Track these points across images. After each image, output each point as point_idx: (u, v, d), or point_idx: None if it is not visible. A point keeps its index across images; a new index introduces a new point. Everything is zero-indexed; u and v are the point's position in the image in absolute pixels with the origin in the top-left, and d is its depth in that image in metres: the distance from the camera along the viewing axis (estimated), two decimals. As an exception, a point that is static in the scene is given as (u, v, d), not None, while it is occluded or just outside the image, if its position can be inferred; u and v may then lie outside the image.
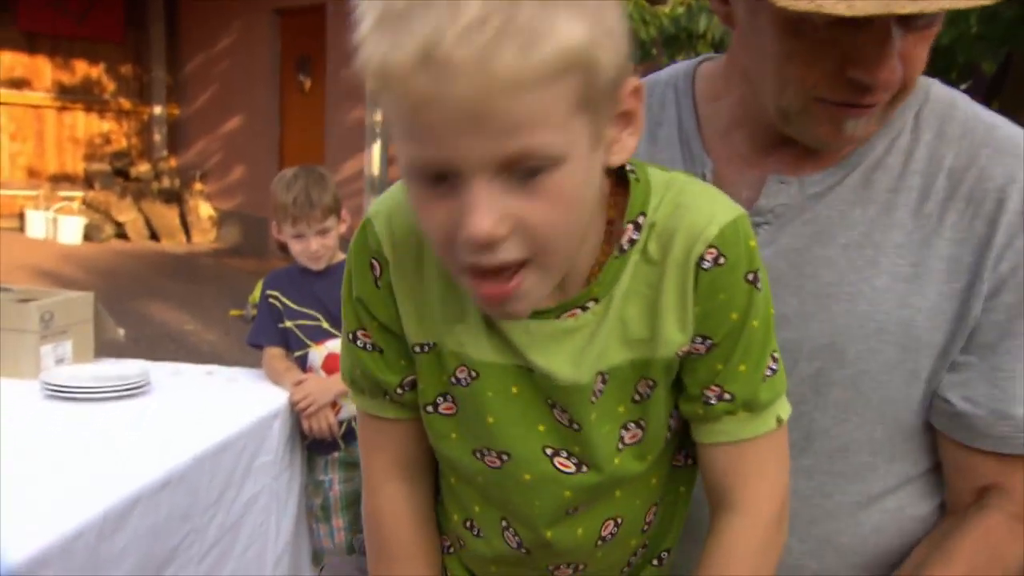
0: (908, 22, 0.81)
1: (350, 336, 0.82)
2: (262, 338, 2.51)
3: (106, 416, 2.10)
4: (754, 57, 0.88)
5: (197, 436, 2.02)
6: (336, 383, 2.33)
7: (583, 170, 0.65)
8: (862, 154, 0.91)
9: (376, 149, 8.05)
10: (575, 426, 0.78)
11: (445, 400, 0.80)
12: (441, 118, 0.60)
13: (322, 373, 2.41)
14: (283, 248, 2.50)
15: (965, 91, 0.94)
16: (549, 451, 0.79)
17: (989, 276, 0.87)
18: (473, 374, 0.77)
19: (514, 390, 0.77)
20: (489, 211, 0.62)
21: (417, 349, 0.79)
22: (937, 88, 0.93)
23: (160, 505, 1.76)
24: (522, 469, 0.79)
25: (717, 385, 0.77)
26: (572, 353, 0.75)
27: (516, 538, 0.83)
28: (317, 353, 2.44)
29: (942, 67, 5.58)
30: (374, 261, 0.78)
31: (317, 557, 2.54)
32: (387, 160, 8.01)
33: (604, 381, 0.77)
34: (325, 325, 2.44)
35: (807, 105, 0.86)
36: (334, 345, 2.40)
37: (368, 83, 0.63)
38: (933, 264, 0.88)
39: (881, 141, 0.90)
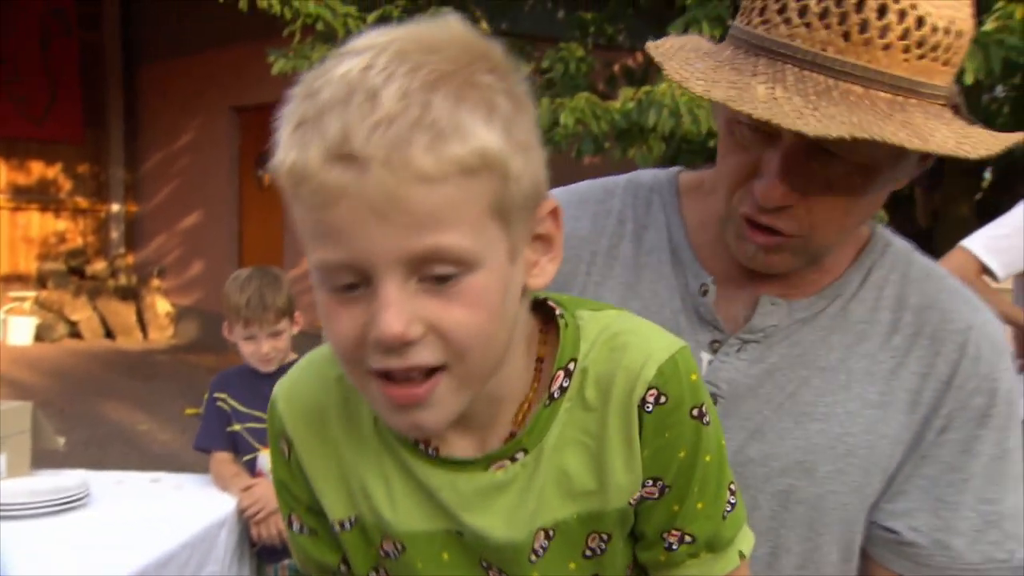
0: (811, 149, 0.83)
1: (288, 522, 0.80)
2: (209, 442, 2.44)
3: (42, 533, 2.00)
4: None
5: (139, 550, 1.93)
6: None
7: (499, 279, 0.64)
8: (840, 286, 0.95)
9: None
10: None
11: (379, 574, 0.77)
12: (351, 214, 0.60)
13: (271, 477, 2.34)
14: None
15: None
16: None
17: (944, 413, 0.92)
18: (399, 546, 0.74)
19: (445, 556, 0.74)
20: (400, 311, 0.61)
21: (338, 528, 0.75)
22: (897, 239, 0.98)
23: (96, 626, 1.66)
24: None
25: (677, 528, 0.75)
26: (505, 509, 0.72)
27: None
28: (266, 456, 2.37)
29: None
30: (283, 443, 0.76)
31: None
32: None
33: (548, 538, 0.74)
34: (275, 427, 2.38)
35: (730, 212, 0.90)
36: (285, 448, 2.34)
37: (282, 185, 0.63)
38: (898, 394, 0.92)
39: (856, 276, 0.95)
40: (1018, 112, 5.53)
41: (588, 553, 0.75)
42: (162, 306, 9.97)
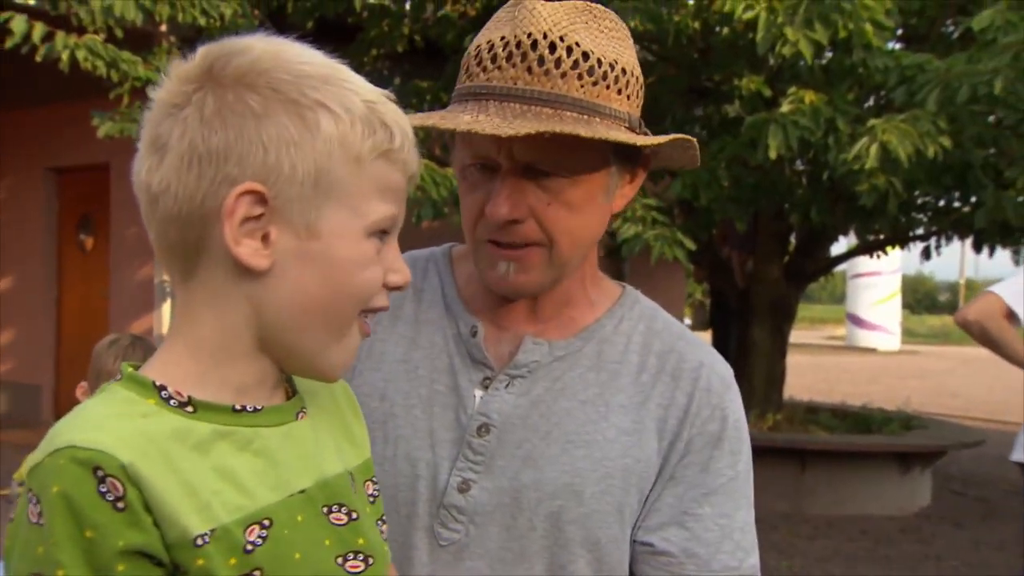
0: (527, 172, 1.00)
1: None
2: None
3: None
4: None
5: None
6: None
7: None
8: (595, 331, 1.11)
9: (166, 308, 7.74)
10: (353, 515, 0.81)
11: None
12: None
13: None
14: (61, 415, 2.33)
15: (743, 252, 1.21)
16: (339, 560, 0.79)
17: (685, 437, 1.07)
18: (266, 523, 0.75)
19: (299, 519, 0.77)
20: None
21: (200, 542, 0.71)
22: (644, 298, 1.17)
23: None
24: None
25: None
26: (321, 448, 0.83)
27: None
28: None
29: (704, 223, 6.22)
30: (111, 482, 0.68)
31: None
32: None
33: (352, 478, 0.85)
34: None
35: (477, 247, 1.05)
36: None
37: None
38: (648, 423, 1.07)
39: (609, 324, 1.12)
40: (813, 183, 6.10)
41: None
42: (-36, 379, 9.18)
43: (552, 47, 0.98)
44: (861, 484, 6.35)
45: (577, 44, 0.98)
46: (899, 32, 5.85)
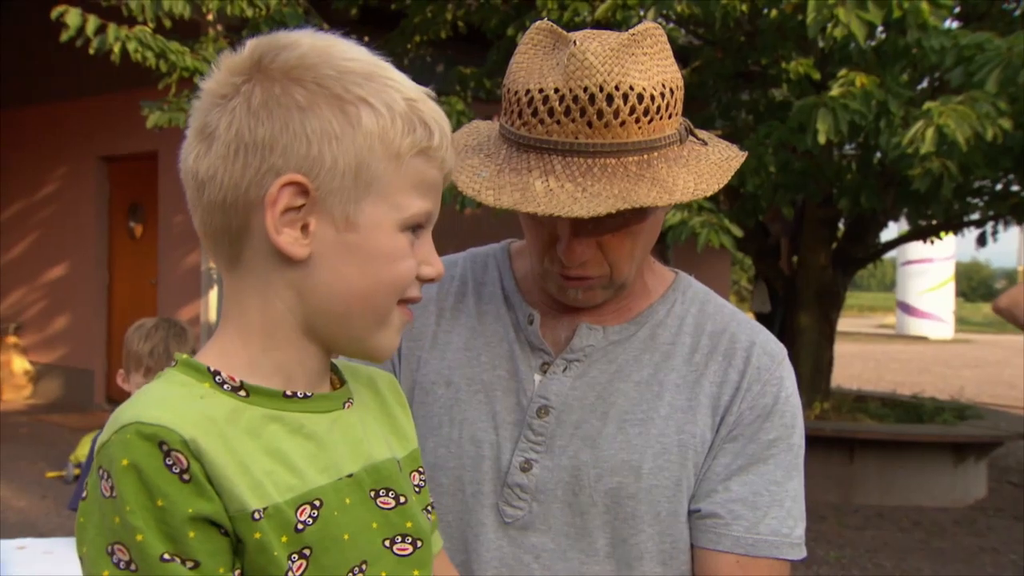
0: (585, 222, 1.02)
1: (158, 559, 0.70)
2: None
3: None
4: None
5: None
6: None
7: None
8: (648, 315, 1.15)
9: (213, 295, 7.86)
10: (401, 499, 0.83)
11: (296, 556, 0.76)
12: None
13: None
14: (112, 399, 2.38)
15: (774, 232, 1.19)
16: (387, 542, 0.82)
17: (736, 411, 1.10)
18: (316, 504, 0.77)
19: (348, 501, 0.79)
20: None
21: (256, 515, 0.74)
22: (696, 282, 1.21)
23: None
24: (379, 571, 0.80)
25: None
26: (368, 435, 0.85)
27: None
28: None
29: (751, 210, 6.13)
30: (175, 456, 0.70)
31: None
32: (223, 306, 7.80)
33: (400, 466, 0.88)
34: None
35: (546, 272, 1.11)
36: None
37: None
38: (702, 400, 1.11)
39: (662, 309, 1.16)
40: (863, 168, 5.97)
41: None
42: (19, 364, 9.42)
43: (609, 99, 0.99)
44: (913, 475, 6.23)
45: (631, 88, 1.00)
46: (956, 10, 5.67)
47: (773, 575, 1.09)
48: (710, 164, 1.06)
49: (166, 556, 0.70)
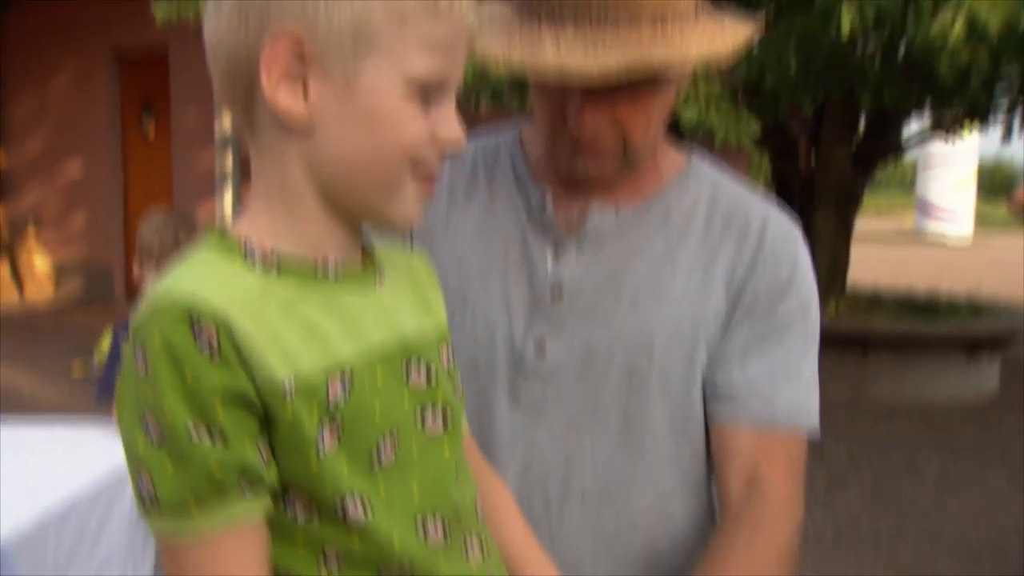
0: (599, 91, 1.00)
1: (186, 433, 0.70)
2: (115, 388, 2.39)
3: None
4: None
5: (40, 500, 1.90)
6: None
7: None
8: (662, 197, 1.15)
9: (228, 194, 7.86)
10: (431, 370, 0.84)
11: (326, 427, 0.75)
12: None
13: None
14: (132, 294, 2.44)
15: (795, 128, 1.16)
16: (418, 412, 0.82)
17: (751, 287, 1.11)
18: (347, 374, 0.77)
19: (378, 371, 0.79)
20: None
21: (287, 386, 0.73)
22: (709, 166, 1.20)
23: (1, 577, 1.64)
24: (410, 444, 0.80)
25: None
26: (399, 310, 0.85)
27: (437, 523, 0.81)
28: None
29: (770, 107, 5.99)
30: (205, 327, 0.70)
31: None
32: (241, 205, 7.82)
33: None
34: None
35: (554, 146, 1.09)
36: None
37: None
38: (716, 280, 1.11)
39: (675, 190, 1.16)
40: (887, 63, 5.80)
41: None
42: (40, 262, 9.52)
43: None
44: (925, 372, 6.27)
45: None
46: None
47: (792, 443, 1.10)
48: (724, 33, 1.04)
49: (194, 434, 0.70)
